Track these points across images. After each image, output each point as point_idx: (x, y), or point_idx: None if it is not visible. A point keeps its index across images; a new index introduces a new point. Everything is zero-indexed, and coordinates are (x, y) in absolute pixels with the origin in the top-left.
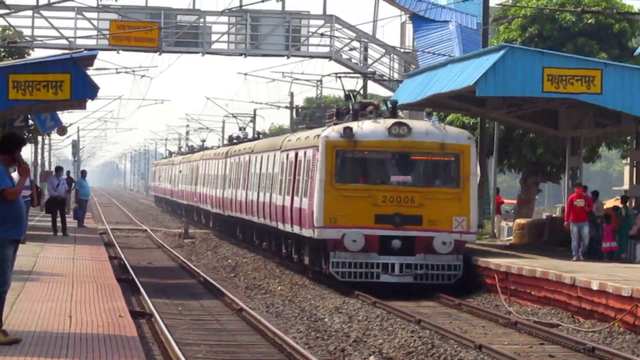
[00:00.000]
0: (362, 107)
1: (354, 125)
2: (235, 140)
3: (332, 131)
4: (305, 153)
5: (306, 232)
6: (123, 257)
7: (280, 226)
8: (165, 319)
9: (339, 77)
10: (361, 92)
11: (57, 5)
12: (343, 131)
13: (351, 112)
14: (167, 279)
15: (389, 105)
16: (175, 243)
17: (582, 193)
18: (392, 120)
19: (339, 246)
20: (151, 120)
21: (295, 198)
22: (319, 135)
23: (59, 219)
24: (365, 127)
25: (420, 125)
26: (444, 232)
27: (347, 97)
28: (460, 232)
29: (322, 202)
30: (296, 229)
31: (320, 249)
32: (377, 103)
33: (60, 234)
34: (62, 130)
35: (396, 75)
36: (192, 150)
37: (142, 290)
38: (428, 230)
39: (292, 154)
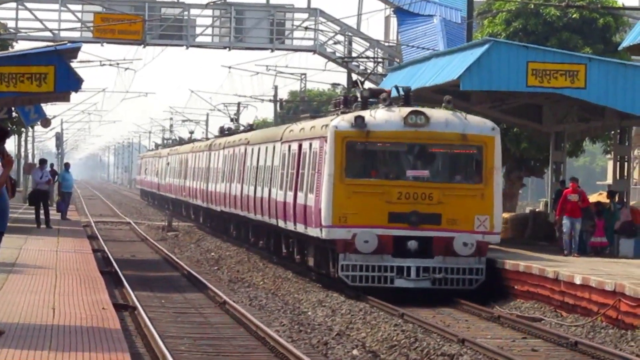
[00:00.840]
0: (372, 95)
1: (366, 114)
2: (226, 132)
3: (342, 120)
4: (310, 144)
5: (312, 232)
6: (106, 249)
7: (281, 224)
8: (149, 311)
9: (346, 62)
10: (362, 80)
11: None
12: (354, 121)
13: (360, 99)
14: (150, 272)
15: (402, 92)
16: (159, 236)
17: (576, 187)
18: (408, 109)
19: (349, 247)
20: (135, 113)
21: (299, 194)
22: (327, 125)
23: (42, 212)
24: (378, 117)
25: (440, 114)
26: (465, 233)
27: (355, 83)
28: (482, 233)
29: (330, 199)
30: (300, 228)
31: (328, 250)
32: (389, 90)
33: (43, 226)
34: (46, 123)
35: (380, 69)
36: (180, 142)
37: (125, 283)
38: (447, 230)
39: (294, 146)
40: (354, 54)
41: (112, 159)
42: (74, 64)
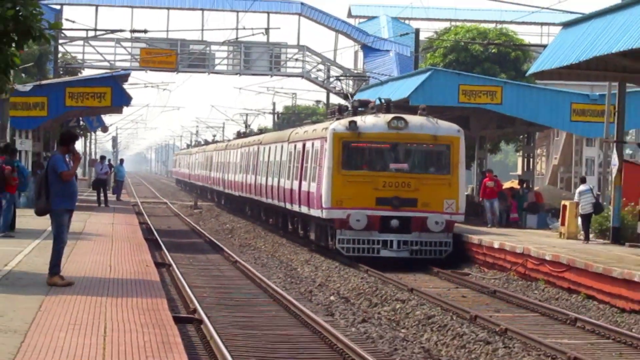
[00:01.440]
0: (360, 105)
1: (358, 119)
2: (242, 135)
3: (339, 124)
4: (313, 144)
5: (314, 212)
6: (149, 222)
7: (288, 206)
8: (180, 267)
9: (339, 80)
10: (352, 95)
11: (101, 37)
12: (349, 124)
13: (350, 108)
14: (181, 239)
15: (384, 102)
16: (188, 212)
17: (492, 177)
18: (391, 115)
19: (344, 225)
20: (170, 122)
21: (304, 182)
22: (327, 128)
23: (102, 195)
24: (367, 121)
25: (416, 120)
26: (436, 213)
27: (345, 97)
28: (450, 213)
29: (330, 186)
30: (304, 209)
31: (327, 227)
32: (374, 101)
33: (103, 205)
34: (105, 129)
35: (351, 90)
36: (206, 143)
37: (163, 247)
38: (422, 211)
39: (299, 145)
40: (331, 79)
41: (153, 155)
42: (125, 86)
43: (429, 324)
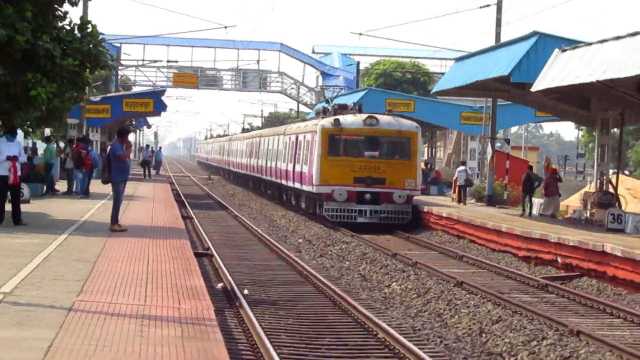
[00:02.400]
0: (340, 107)
1: (340, 118)
2: (247, 130)
3: (326, 122)
4: (304, 136)
5: (306, 188)
6: (178, 189)
7: (284, 182)
8: (198, 219)
9: (323, 88)
10: (332, 101)
11: (146, 65)
12: (333, 121)
13: (331, 110)
14: (199, 200)
15: (357, 106)
16: (204, 183)
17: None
18: (365, 115)
19: (329, 198)
20: (192, 122)
21: (297, 165)
22: (316, 124)
23: (147, 170)
24: (347, 119)
25: (385, 118)
26: (399, 190)
27: (327, 101)
28: (410, 190)
29: (319, 168)
30: (297, 185)
31: (315, 199)
32: (351, 105)
33: (147, 178)
34: (149, 126)
35: (314, 101)
36: (219, 136)
37: (187, 205)
38: (389, 188)
39: (293, 137)
40: (301, 93)
41: (181, 144)
42: (163, 98)
43: (364, 259)
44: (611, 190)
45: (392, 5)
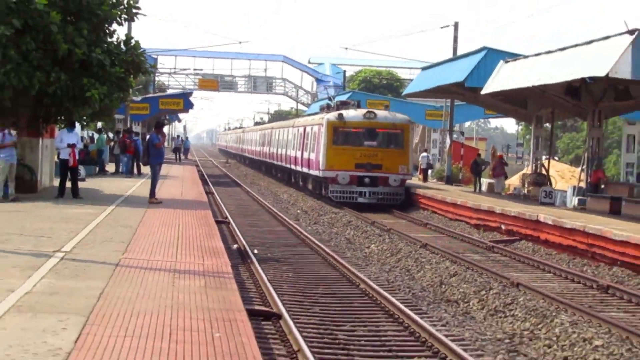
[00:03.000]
0: (342, 104)
1: (343, 112)
2: (259, 123)
3: (331, 116)
4: (312, 128)
5: (313, 172)
6: (202, 170)
7: (293, 167)
8: (218, 194)
9: (317, 92)
10: (334, 99)
11: (178, 72)
12: (337, 116)
13: (333, 106)
14: (219, 179)
15: (356, 102)
16: (223, 165)
17: None
18: (365, 110)
19: (334, 181)
20: (213, 118)
21: (305, 152)
22: (323, 118)
23: (178, 155)
24: (349, 114)
25: (382, 113)
26: (394, 174)
27: (330, 99)
28: (403, 174)
29: (325, 156)
30: (305, 170)
31: (321, 182)
32: (351, 101)
33: (178, 161)
34: (179, 121)
35: (310, 101)
36: (235, 129)
37: (209, 183)
38: (386, 172)
39: (301, 129)
40: (299, 95)
41: (205, 135)
42: (190, 98)
43: (349, 226)
44: (544, 172)
45: (373, 24)
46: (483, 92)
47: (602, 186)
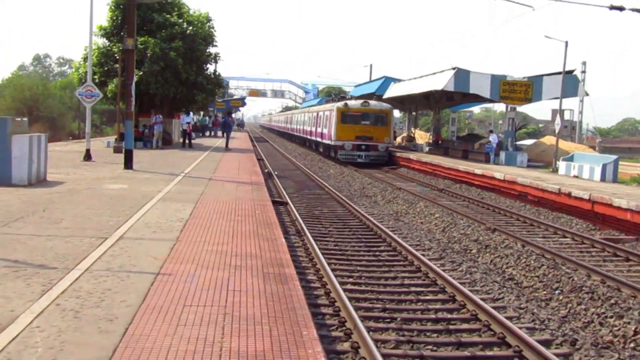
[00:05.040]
0: (341, 98)
1: (348, 102)
2: (284, 110)
3: (339, 104)
4: (324, 113)
5: (325, 141)
6: (250, 135)
7: (309, 137)
8: (258, 144)
9: (304, 99)
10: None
11: (238, 88)
12: (344, 104)
13: (339, 98)
14: (260, 143)
15: (351, 96)
16: (261, 132)
17: None
18: (361, 100)
19: (341, 148)
20: (255, 109)
21: (318, 128)
22: (333, 106)
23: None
24: (352, 103)
25: (373, 102)
26: (381, 143)
27: (331, 95)
28: (387, 144)
29: (335, 131)
30: (318, 139)
31: (331, 148)
32: (350, 97)
33: (242, 129)
34: (238, 110)
35: (301, 102)
36: (269, 114)
37: (254, 140)
38: (375, 142)
39: (314, 114)
40: (298, 98)
41: (253, 118)
42: (245, 100)
43: (355, 177)
44: (412, 135)
45: (334, 60)
46: (384, 97)
47: (440, 142)
